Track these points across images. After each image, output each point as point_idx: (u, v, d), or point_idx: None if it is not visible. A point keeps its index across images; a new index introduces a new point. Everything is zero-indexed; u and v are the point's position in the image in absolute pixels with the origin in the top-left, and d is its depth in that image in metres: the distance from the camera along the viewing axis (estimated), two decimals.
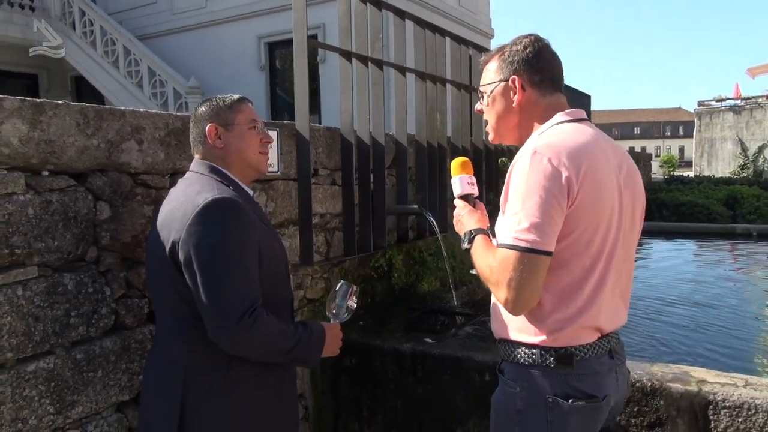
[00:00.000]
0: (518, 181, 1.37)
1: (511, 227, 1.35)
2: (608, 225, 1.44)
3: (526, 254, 1.32)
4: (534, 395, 1.44)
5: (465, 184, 1.69)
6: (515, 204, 1.36)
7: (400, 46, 3.67)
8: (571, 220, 1.37)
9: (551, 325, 1.43)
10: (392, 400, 2.77)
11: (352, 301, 1.84)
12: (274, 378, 1.68)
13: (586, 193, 1.37)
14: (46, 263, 1.88)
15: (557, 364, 1.43)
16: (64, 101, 1.93)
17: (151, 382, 1.70)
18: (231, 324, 1.47)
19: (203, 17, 12.42)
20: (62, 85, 14.55)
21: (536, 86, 1.52)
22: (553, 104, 1.53)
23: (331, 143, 3.26)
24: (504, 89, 1.54)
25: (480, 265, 1.47)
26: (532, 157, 1.36)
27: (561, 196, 1.34)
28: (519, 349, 1.48)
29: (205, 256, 1.50)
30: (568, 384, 1.43)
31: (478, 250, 1.51)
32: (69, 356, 1.93)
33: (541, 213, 1.32)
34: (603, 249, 1.44)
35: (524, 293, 1.34)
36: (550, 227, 1.33)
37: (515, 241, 1.34)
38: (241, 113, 1.76)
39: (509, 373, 1.51)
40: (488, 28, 14.48)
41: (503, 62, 1.54)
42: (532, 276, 1.34)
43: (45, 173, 1.88)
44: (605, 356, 1.48)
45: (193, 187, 1.64)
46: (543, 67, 1.52)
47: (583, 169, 1.37)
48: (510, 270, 1.34)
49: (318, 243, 3.19)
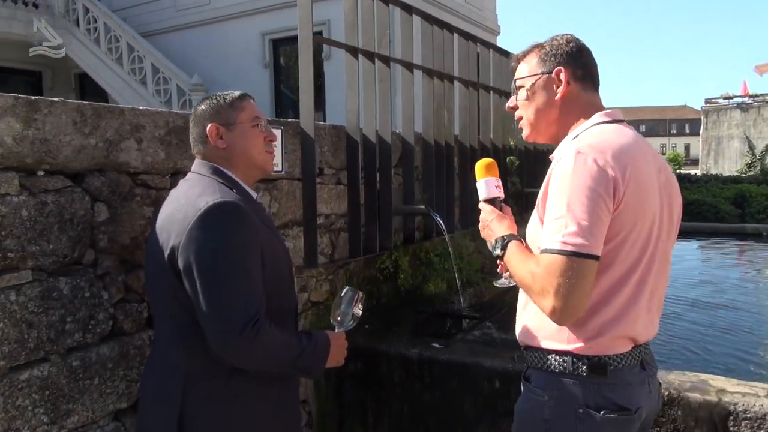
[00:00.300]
0: (562, 183, 1.30)
1: (557, 231, 1.27)
2: (649, 230, 1.39)
3: (574, 259, 1.25)
4: (563, 404, 1.38)
5: (492, 188, 1.62)
6: (559, 207, 1.29)
7: (408, 42, 3.59)
8: (614, 224, 1.31)
9: (586, 333, 1.37)
10: (398, 406, 2.70)
11: (358, 308, 1.76)
12: (276, 388, 1.61)
13: (630, 195, 1.32)
14: (41, 267, 1.80)
15: (590, 373, 1.36)
16: (60, 99, 1.85)
17: (149, 388, 1.62)
18: (233, 335, 1.40)
19: (207, 14, 12.34)
20: (66, 83, 14.51)
21: (579, 81, 1.48)
22: (592, 102, 1.49)
23: (336, 142, 3.18)
24: (546, 82, 1.49)
25: (519, 273, 1.39)
26: (576, 158, 1.30)
27: (608, 197, 1.28)
28: (549, 356, 1.42)
29: (206, 263, 1.43)
30: (600, 394, 1.36)
31: (515, 257, 1.43)
32: (64, 363, 1.86)
33: (589, 215, 1.26)
34: (643, 255, 1.38)
35: (573, 301, 1.27)
36: (598, 230, 1.27)
37: (563, 245, 1.26)
38: (243, 111, 1.68)
39: (537, 381, 1.45)
40: (494, 24, 14.35)
41: (546, 55, 1.50)
42: (581, 282, 1.26)
43: (40, 173, 1.81)
44: (637, 367, 1.42)
45: (195, 190, 1.57)
46: (586, 63, 1.49)
47: (628, 171, 1.32)
48: (557, 276, 1.26)
49: (323, 244, 3.12)
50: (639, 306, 1.39)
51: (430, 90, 3.78)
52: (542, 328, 1.43)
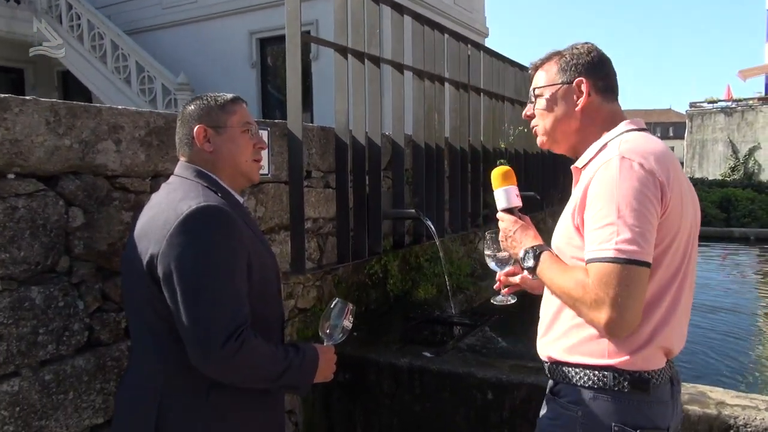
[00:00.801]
0: (608, 188, 1.25)
1: (608, 238, 1.22)
2: (687, 237, 1.35)
3: (630, 267, 1.20)
4: (598, 422, 1.31)
5: (512, 197, 1.56)
6: (608, 213, 1.23)
7: (398, 42, 3.51)
8: (661, 229, 1.28)
9: (628, 346, 1.30)
10: (388, 417, 2.62)
11: (348, 320, 1.68)
12: (259, 404, 1.52)
13: (675, 201, 1.29)
14: (11, 276, 1.70)
15: (632, 389, 1.30)
16: (33, 97, 1.75)
17: (123, 403, 1.52)
18: (215, 349, 1.31)
19: (194, 12, 12.17)
20: (49, 80, 14.24)
21: (600, 92, 1.44)
22: (613, 112, 1.45)
23: (325, 144, 3.09)
24: (566, 92, 1.45)
25: (562, 284, 1.32)
26: (622, 162, 1.26)
27: (657, 201, 1.25)
28: (586, 371, 1.35)
29: (188, 271, 1.34)
30: (639, 411, 1.31)
31: (552, 268, 1.37)
32: (36, 377, 1.76)
33: (641, 220, 1.22)
34: (683, 263, 1.35)
35: (631, 311, 1.22)
36: (651, 235, 1.23)
37: (617, 253, 1.20)
38: (234, 115, 1.59)
39: (569, 396, 1.37)
40: (483, 27, 14.33)
41: (566, 64, 1.46)
42: (637, 291, 1.22)
43: (10, 176, 1.70)
44: (668, 384, 1.37)
45: (177, 193, 1.48)
46: (607, 73, 1.46)
47: (672, 177, 1.29)
48: (614, 286, 1.20)
49: (310, 249, 3.03)
50: (675, 316, 1.35)
51: (420, 91, 3.70)
52: (580, 343, 1.36)
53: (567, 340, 1.38)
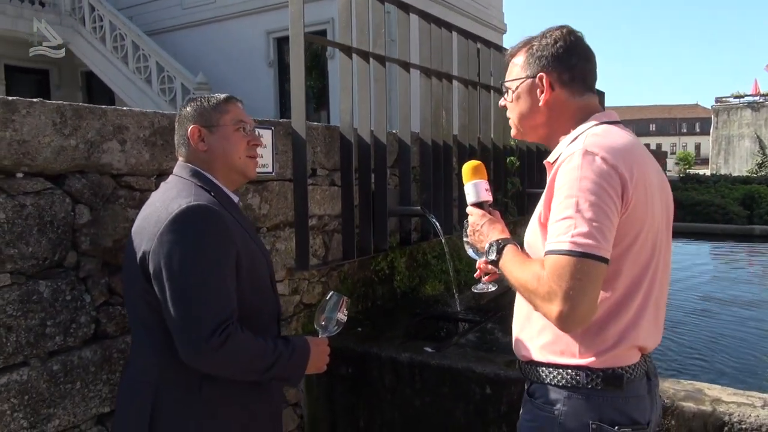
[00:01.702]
0: (569, 182, 1.24)
1: (565, 231, 1.21)
2: (656, 234, 1.33)
3: (584, 260, 1.18)
4: (575, 420, 1.31)
5: (482, 191, 1.55)
6: (566, 207, 1.22)
7: (404, 41, 3.54)
8: (624, 226, 1.26)
9: (600, 344, 1.31)
10: (389, 411, 2.66)
11: (343, 313, 1.73)
12: (253, 398, 1.57)
13: (638, 197, 1.26)
14: (20, 270, 1.78)
15: (606, 386, 1.30)
16: (39, 99, 1.83)
17: (121, 396, 1.59)
18: (200, 342, 1.36)
19: (212, 12, 12.35)
20: (73, 81, 14.57)
21: (566, 85, 1.40)
22: (583, 106, 1.41)
23: (330, 142, 3.14)
24: (530, 87, 1.42)
25: (520, 277, 1.31)
26: (584, 156, 1.24)
27: (617, 197, 1.23)
28: (560, 370, 1.35)
29: (176, 267, 1.39)
30: (615, 407, 1.30)
31: (513, 261, 1.36)
32: (45, 368, 1.84)
33: (599, 215, 1.20)
34: (651, 260, 1.33)
35: (583, 306, 1.19)
36: (609, 231, 1.21)
37: (572, 246, 1.19)
38: (226, 114, 1.65)
39: (544, 396, 1.36)
40: (500, 23, 14.26)
41: (531, 57, 1.42)
42: (591, 285, 1.19)
43: (19, 175, 1.78)
44: (644, 378, 1.37)
45: (170, 193, 1.54)
46: (574, 64, 1.39)
47: (636, 172, 1.26)
48: (567, 278, 1.18)
49: (316, 246, 3.08)
50: (647, 313, 1.34)
51: (427, 89, 3.73)
52: (552, 343, 1.36)
53: (539, 340, 1.38)
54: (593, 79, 1.43)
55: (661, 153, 14.63)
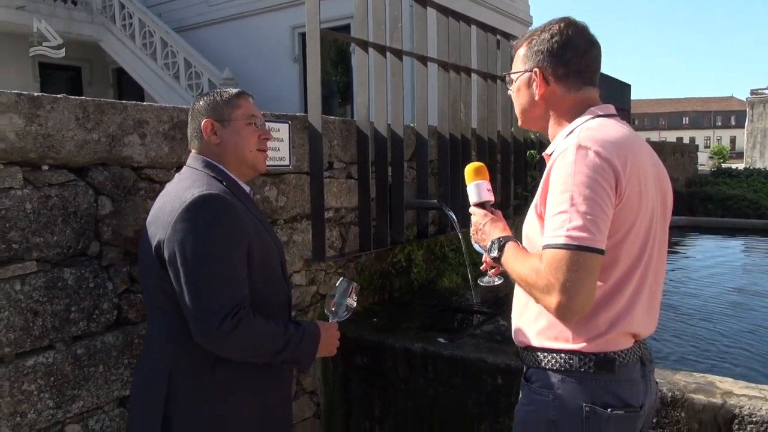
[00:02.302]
0: (563, 177, 1.27)
1: (561, 225, 1.24)
2: (649, 224, 1.36)
3: (580, 253, 1.22)
4: (569, 403, 1.35)
5: (484, 191, 1.60)
6: (561, 201, 1.25)
7: (422, 35, 3.56)
8: (618, 217, 1.29)
9: (592, 330, 1.34)
10: (403, 401, 2.71)
11: (352, 299, 1.78)
12: (264, 382, 1.63)
13: (632, 189, 1.29)
14: (45, 258, 1.87)
15: (597, 370, 1.34)
16: (63, 95, 1.91)
17: (138, 381, 1.67)
18: (212, 326, 1.42)
19: (238, 8, 12.48)
20: (104, 78, 14.90)
21: (561, 80, 1.43)
22: (580, 100, 1.44)
23: (347, 136, 3.19)
24: (528, 80, 1.47)
25: (520, 271, 1.36)
26: (578, 151, 1.27)
27: (611, 190, 1.26)
28: (553, 354, 1.39)
29: (189, 255, 1.46)
30: (608, 391, 1.34)
31: (513, 257, 1.41)
32: (69, 351, 1.93)
33: (593, 208, 1.23)
34: (644, 249, 1.36)
35: (580, 297, 1.23)
36: (603, 223, 1.24)
37: (567, 239, 1.23)
38: (238, 108, 1.71)
39: (540, 380, 1.41)
40: (526, 15, 14.10)
41: (530, 50, 1.46)
42: (588, 277, 1.23)
43: (44, 168, 1.87)
44: (638, 363, 1.40)
45: (184, 183, 1.60)
46: (569, 59, 1.42)
47: (629, 164, 1.29)
48: (563, 271, 1.22)
49: (332, 238, 3.13)
50: (641, 301, 1.37)
51: (445, 83, 3.74)
52: (546, 329, 1.40)
53: (535, 326, 1.42)
54: (592, 73, 1.45)
55: (690, 147, 14.31)
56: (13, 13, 11.72)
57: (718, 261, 6.45)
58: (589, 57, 1.44)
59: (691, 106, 66.69)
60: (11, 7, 11.63)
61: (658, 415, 2.07)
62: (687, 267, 5.92)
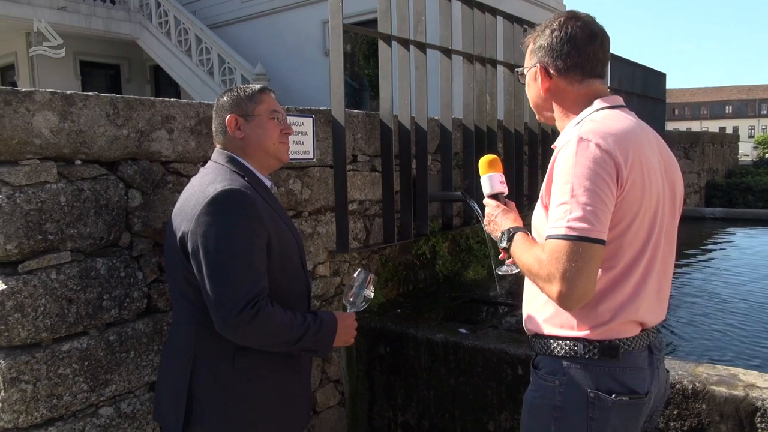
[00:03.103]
0: (565, 169, 1.30)
1: (562, 216, 1.28)
2: (654, 214, 1.38)
3: (580, 243, 1.25)
4: (574, 389, 1.39)
5: (496, 183, 1.65)
6: (563, 193, 1.29)
7: (446, 28, 3.57)
8: (620, 208, 1.32)
9: (597, 318, 1.37)
10: (425, 390, 2.74)
11: (370, 290, 1.83)
12: (284, 369, 1.69)
13: (635, 180, 1.32)
14: (79, 248, 1.96)
15: (602, 356, 1.37)
16: (94, 93, 2.00)
17: (163, 368, 1.75)
18: (232, 315, 1.48)
19: (270, 4, 12.64)
20: (142, 75, 15.30)
21: (561, 73, 1.47)
22: (585, 92, 1.47)
23: (370, 129, 3.22)
24: (533, 75, 1.52)
25: (526, 261, 1.40)
26: (579, 144, 1.30)
27: (612, 181, 1.28)
28: (560, 341, 1.42)
29: (211, 247, 1.52)
30: (612, 377, 1.37)
31: (521, 247, 1.45)
32: (102, 337, 2.03)
33: (594, 200, 1.26)
34: (649, 240, 1.38)
35: (580, 285, 1.26)
36: (604, 214, 1.27)
37: (568, 230, 1.26)
38: (261, 104, 1.76)
39: (546, 367, 1.45)
40: (560, 5, 13.87)
41: (534, 46, 1.52)
42: (588, 266, 1.26)
43: (77, 162, 1.97)
44: (646, 351, 1.42)
45: (208, 177, 1.66)
46: (569, 52, 1.44)
47: (631, 156, 1.31)
48: (564, 261, 1.26)
49: (357, 230, 3.18)
50: (647, 290, 1.39)
51: (470, 75, 3.74)
52: (553, 316, 1.44)
53: (543, 314, 1.46)
54: (593, 65, 1.46)
55: (729, 136, 13.86)
56: (56, 13, 12.12)
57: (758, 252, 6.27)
58: (589, 50, 1.45)
59: (734, 94, 64.48)
60: (54, 8, 12.02)
61: (678, 407, 2.06)
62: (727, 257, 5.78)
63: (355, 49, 12.10)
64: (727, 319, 3.73)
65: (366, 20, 9.19)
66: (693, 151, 9.94)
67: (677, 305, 4.07)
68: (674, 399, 2.06)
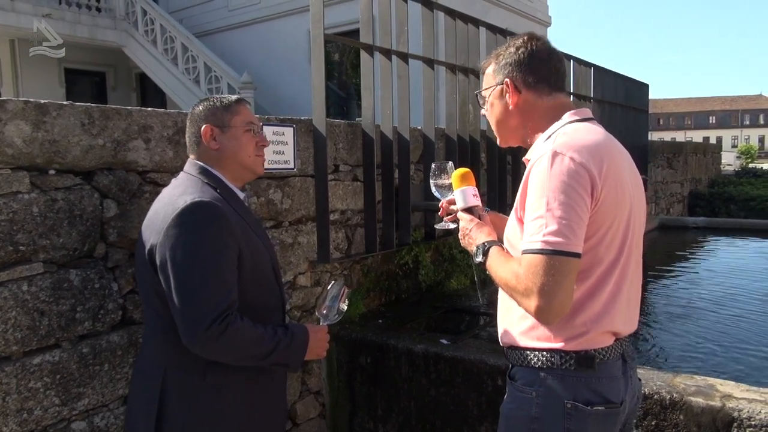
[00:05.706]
0: (540, 183, 1.31)
1: (537, 231, 1.28)
2: (627, 224, 1.39)
3: (556, 257, 1.26)
4: (551, 400, 1.38)
5: (470, 197, 1.64)
6: (538, 207, 1.30)
7: (429, 38, 3.58)
8: (594, 220, 1.32)
9: (572, 330, 1.38)
10: (406, 401, 2.73)
11: (344, 303, 1.81)
12: (257, 383, 1.66)
13: (608, 192, 1.33)
14: (52, 260, 1.93)
15: (578, 367, 1.37)
16: (69, 102, 1.97)
17: (135, 379, 1.72)
18: (200, 331, 1.45)
19: (257, 13, 12.67)
20: (128, 82, 15.21)
21: (531, 88, 1.49)
22: (553, 105, 1.49)
23: (352, 138, 3.22)
24: (500, 92, 1.53)
25: (503, 276, 1.40)
26: (553, 157, 1.31)
27: (586, 194, 1.29)
28: (536, 353, 1.42)
29: (179, 261, 1.49)
30: (588, 387, 1.37)
31: (497, 261, 1.45)
32: (75, 350, 1.99)
33: (569, 213, 1.27)
34: (623, 249, 1.39)
35: (558, 300, 1.27)
36: (579, 227, 1.28)
37: (543, 244, 1.27)
38: (237, 115, 1.74)
39: (523, 378, 1.45)
40: (545, 16, 14.03)
41: (498, 65, 1.53)
42: (565, 280, 1.27)
43: (51, 172, 1.94)
44: (619, 360, 1.43)
45: (178, 189, 1.64)
46: (537, 67, 1.49)
47: (605, 167, 1.32)
48: (541, 275, 1.26)
49: (338, 240, 3.17)
50: (620, 300, 1.40)
51: (453, 85, 3.76)
52: (529, 329, 1.43)
53: (519, 326, 1.46)
54: (559, 79, 1.51)
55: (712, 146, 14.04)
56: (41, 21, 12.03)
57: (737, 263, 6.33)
58: (552, 64, 1.50)
59: (718, 104, 65.44)
60: (38, 15, 11.94)
61: (657, 418, 2.06)
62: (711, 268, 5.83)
63: (344, 59, 12.15)
64: (705, 328, 3.76)
65: (351, 30, 9.21)
66: (676, 161, 10.05)
67: (656, 314, 4.10)
68: (652, 410, 2.06)
